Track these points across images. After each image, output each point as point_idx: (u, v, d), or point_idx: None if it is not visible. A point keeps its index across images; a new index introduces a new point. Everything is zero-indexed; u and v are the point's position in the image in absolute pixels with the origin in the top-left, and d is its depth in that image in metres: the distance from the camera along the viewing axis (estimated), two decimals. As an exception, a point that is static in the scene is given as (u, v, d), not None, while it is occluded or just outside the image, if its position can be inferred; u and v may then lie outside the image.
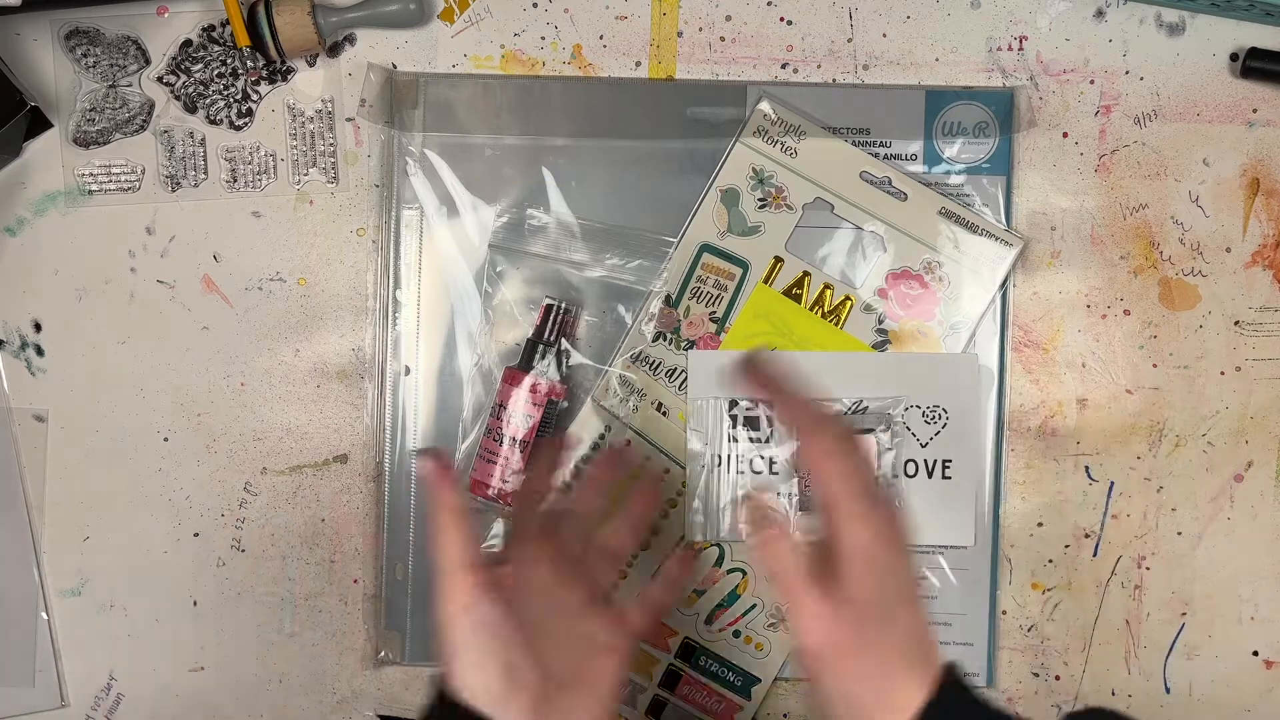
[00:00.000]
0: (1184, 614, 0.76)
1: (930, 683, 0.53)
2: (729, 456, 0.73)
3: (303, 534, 0.76)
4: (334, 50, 0.74)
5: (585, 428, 0.74)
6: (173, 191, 0.75)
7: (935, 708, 0.52)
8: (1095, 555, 0.75)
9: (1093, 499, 0.75)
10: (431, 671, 0.62)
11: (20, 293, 0.75)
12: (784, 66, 0.74)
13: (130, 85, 0.74)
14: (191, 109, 0.74)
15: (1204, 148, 0.74)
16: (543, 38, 0.74)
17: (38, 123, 0.73)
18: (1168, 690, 0.76)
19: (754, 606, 0.74)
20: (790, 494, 0.73)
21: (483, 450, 0.72)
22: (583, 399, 0.74)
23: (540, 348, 0.72)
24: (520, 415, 0.71)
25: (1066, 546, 0.75)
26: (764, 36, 0.74)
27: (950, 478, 0.73)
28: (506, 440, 0.71)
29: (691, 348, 0.74)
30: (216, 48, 0.74)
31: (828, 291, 0.73)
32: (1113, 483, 0.75)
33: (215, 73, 0.74)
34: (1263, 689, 0.76)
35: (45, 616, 0.76)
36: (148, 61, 0.74)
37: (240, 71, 0.74)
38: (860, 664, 0.52)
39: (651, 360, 0.74)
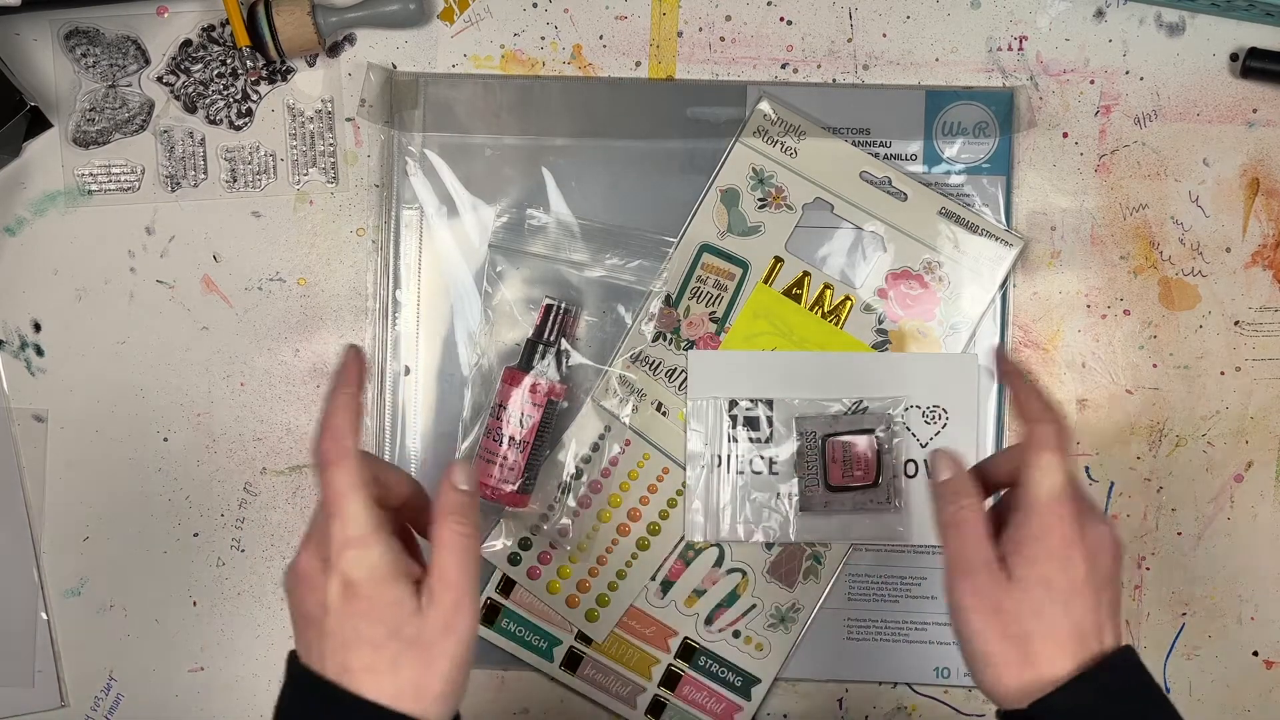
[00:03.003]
0: (1184, 614, 0.76)
1: (1086, 658, 0.53)
2: (729, 456, 0.73)
3: (302, 534, 0.76)
4: (334, 50, 0.74)
5: (585, 428, 0.74)
6: (172, 191, 0.75)
7: (1086, 680, 0.52)
8: (1095, 555, 0.75)
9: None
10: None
11: (20, 293, 0.75)
12: (784, 66, 0.74)
13: (130, 85, 0.74)
14: (191, 109, 0.74)
15: (1204, 148, 0.74)
16: (543, 38, 0.74)
17: (38, 123, 0.73)
18: (1168, 690, 0.76)
19: (754, 607, 0.74)
20: (790, 494, 0.73)
21: (482, 450, 0.72)
22: (583, 399, 0.74)
23: (540, 348, 0.72)
24: (520, 415, 0.71)
25: (1066, 546, 0.75)
26: (764, 36, 0.74)
27: (950, 478, 0.73)
28: (506, 440, 0.71)
29: (691, 348, 0.74)
30: (216, 48, 0.74)
31: (828, 291, 0.73)
32: (1113, 483, 0.75)
33: (215, 73, 0.74)
34: (1263, 689, 0.76)
35: (45, 616, 0.76)
36: (147, 61, 0.74)
37: (240, 71, 0.74)
38: (1005, 627, 0.53)
39: (651, 360, 0.74)
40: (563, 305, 0.72)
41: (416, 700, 0.51)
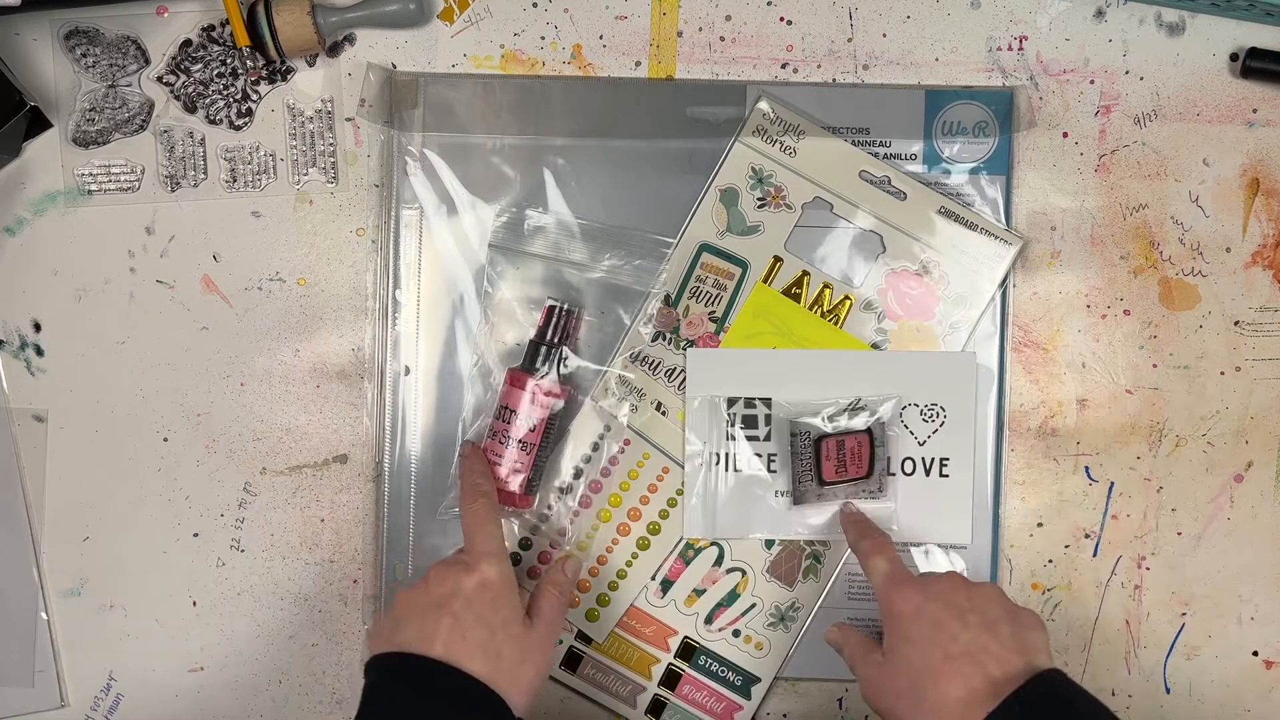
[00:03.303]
0: (1184, 614, 0.76)
1: (984, 682, 0.60)
2: (727, 455, 0.73)
3: (302, 534, 0.76)
4: (334, 50, 0.74)
5: (585, 428, 0.74)
6: (172, 191, 0.75)
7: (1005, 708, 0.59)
8: (1095, 555, 0.75)
9: (1093, 499, 0.75)
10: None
11: (20, 293, 0.75)
12: (784, 66, 0.74)
13: (130, 85, 0.74)
14: (191, 109, 0.74)
15: (1204, 148, 0.74)
16: (542, 38, 0.74)
17: (37, 123, 0.73)
18: (1168, 690, 0.76)
19: (754, 606, 0.74)
20: (786, 491, 0.73)
21: (487, 452, 0.72)
22: (582, 399, 0.74)
23: (543, 349, 0.72)
24: (523, 416, 0.71)
25: (1066, 546, 0.75)
26: (764, 36, 0.74)
27: (948, 475, 0.73)
28: (511, 442, 0.71)
29: (691, 347, 0.74)
30: (216, 48, 0.74)
31: (827, 291, 0.73)
32: (1113, 483, 0.75)
33: (215, 73, 0.74)
34: (1263, 689, 0.76)
35: (45, 616, 0.76)
36: (147, 61, 0.74)
37: (240, 71, 0.74)
38: (897, 690, 0.63)
39: (651, 360, 0.74)
40: (565, 306, 0.72)
41: (508, 685, 0.64)
